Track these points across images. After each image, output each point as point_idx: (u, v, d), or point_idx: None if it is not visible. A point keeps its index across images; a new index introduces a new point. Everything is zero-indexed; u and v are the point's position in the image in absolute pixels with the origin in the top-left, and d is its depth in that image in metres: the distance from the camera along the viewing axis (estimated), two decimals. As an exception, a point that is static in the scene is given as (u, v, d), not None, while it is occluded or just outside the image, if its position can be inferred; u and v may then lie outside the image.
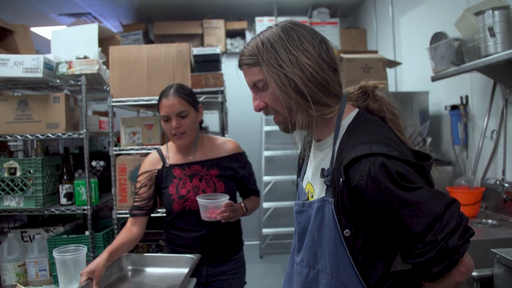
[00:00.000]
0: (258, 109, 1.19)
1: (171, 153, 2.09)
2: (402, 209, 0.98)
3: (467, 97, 2.99)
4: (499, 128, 2.66)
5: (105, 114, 3.28)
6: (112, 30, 3.14)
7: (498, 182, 2.56)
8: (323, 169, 1.12)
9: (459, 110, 3.01)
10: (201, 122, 2.17)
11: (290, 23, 1.14)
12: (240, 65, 1.19)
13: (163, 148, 2.13)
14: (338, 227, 1.06)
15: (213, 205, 1.87)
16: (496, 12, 2.18)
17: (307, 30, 1.13)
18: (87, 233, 2.48)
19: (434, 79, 2.90)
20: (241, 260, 2.15)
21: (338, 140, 1.12)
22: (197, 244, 1.99)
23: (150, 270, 1.88)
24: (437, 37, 2.83)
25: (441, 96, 3.33)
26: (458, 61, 2.59)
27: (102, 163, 3.13)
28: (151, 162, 2.09)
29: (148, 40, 5.65)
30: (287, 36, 1.10)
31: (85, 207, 2.46)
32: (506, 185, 2.49)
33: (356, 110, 1.18)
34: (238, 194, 2.21)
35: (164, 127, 1.98)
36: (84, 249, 1.72)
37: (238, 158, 2.15)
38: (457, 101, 3.05)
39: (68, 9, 5.37)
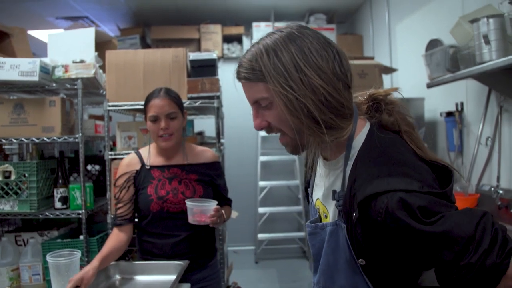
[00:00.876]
0: (259, 129, 1.06)
1: (152, 156, 2.07)
2: (428, 243, 0.90)
3: (462, 104, 3.01)
4: (493, 135, 2.67)
5: (101, 118, 3.28)
6: (109, 34, 3.14)
7: (492, 189, 2.57)
8: (334, 191, 1.03)
9: (455, 116, 3.02)
10: (184, 128, 2.18)
11: (296, 30, 0.99)
12: (239, 78, 1.05)
13: (143, 150, 2.11)
14: (352, 253, 1.00)
15: (203, 209, 1.87)
16: (491, 20, 2.20)
17: (319, 41, 0.98)
18: (81, 237, 2.47)
19: (429, 85, 2.91)
20: (216, 266, 2.15)
21: (350, 163, 1.03)
22: (175, 250, 1.96)
23: (138, 278, 1.85)
24: (433, 44, 2.85)
25: (437, 102, 3.35)
26: (453, 68, 2.61)
27: (97, 167, 3.12)
28: (129, 164, 2.05)
29: (145, 44, 5.65)
30: (297, 49, 0.96)
31: (80, 211, 2.45)
32: (501, 191, 2.50)
33: (368, 126, 1.07)
34: None
35: (151, 128, 1.96)
36: (78, 254, 1.71)
37: (216, 167, 2.16)
38: (452, 108, 3.06)
39: (65, 12, 5.37)
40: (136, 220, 2.06)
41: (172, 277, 1.75)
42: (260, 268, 5.13)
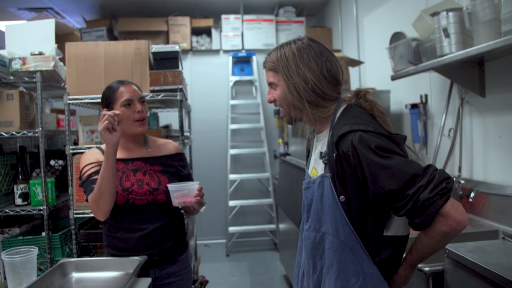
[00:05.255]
0: (269, 101, 1.52)
1: None
2: (379, 172, 1.24)
3: (426, 96, 3.05)
4: (455, 126, 2.72)
5: (63, 112, 3.20)
6: (70, 26, 3.06)
7: (454, 179, 2.62)
8: (321, 153, 1.41)
9: (419, 108, 3.07)
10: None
11: (305, 43, 1.44)
12: (264, 67, 1.52)
13: (104, 145, 2.05)
14: (335, 195, 1.33)
15: (187, 189, 1.85)
16: (450, 14, 2.23)
17: (316, 51, 1.43)
18: (43, 234, 2.42)
19: (393, 78, 2.94)
20: (187, 261, 2.13)
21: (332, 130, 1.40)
22: (142, 244, 1.93)
23: (94, 274, 1.79)
24: (396, 37, 2.87)
25: (402, 95, 3.39)
26: (416, 60, 2.64)
27: (61, 162, 3.06)
28: (93, 154, 2.00)
29: (112, 37, 5.54)
30: (299, 54, 1.42)
31: (41, 208, 2.40)
32: (462, 181, 2.55)
33: (346, 105, 1.46)
34: None
35: (124, 113, 1.90)
36: (34, 251, 1.66)
37: (180, 158, 2.14)
38: (417, 100, 3.11)
39: (28, 3, 5.20)
40: None
41: (130, 272, 1.72)
42: (231, 261, 5.13)
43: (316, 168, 1.48)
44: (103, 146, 2.05)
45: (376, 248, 1.34)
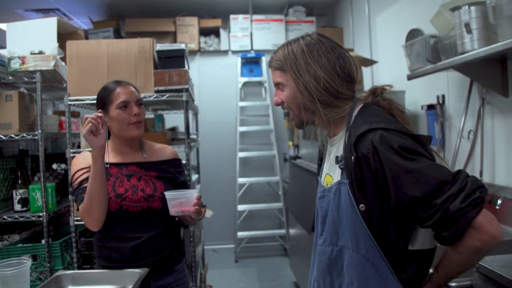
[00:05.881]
0: (276, 104, 1.39)
1: (109, 152, 1.90)
2: (403, 176, 1.11)
3: (443, 96, 2.92)
4: (475, 128, 2.59)
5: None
6: (73, 25, 2.97)
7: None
8: (337, 157, 1.28)
9: (436, 109, 2.94)
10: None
11: (315, 38, 1.32)
12: (270, 66, 1.40)
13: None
14: (354, 203, 1.19)
15: (186, 198, 1.74)
16: (473, 8, 2.10)
17: (327, 46, 1.31)
18: (43, 241, 2.32)
19: (410, 77, 2.81)
20: (183, 270, 2.00)
21: (348, 131, 1.27)
22: (136, 254, 1.80)
23: None
24: (413, 34, 2.75)
25: (418, 95, 3.26)
26: (434, 58, 2.51)
27: (63, 165, 2.96)
28: (85, 158, 1.88)
29: (119, 38, 5.46)
30: (308, 50, 1.29)
31: (41, 214, 2.29)
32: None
33: (363, 104, 1.33)
34: None
35: (120, 116, 1.81)
36: (27, 263, 1.55)
37: (177, 164, 2.02)
38: (433, 101, 2.98)
39: (35, 4, 5.15)
40: None
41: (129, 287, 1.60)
42: (239, 267, 5.01)
43: (331, 174, 1.35)
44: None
45: (401, 264, 1.19)
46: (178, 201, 1.73)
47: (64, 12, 5.51)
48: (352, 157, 1.19)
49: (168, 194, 1.75)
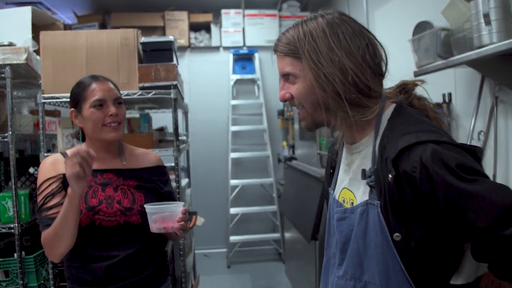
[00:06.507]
0: (282, 100, 1.15)
1: None
2: (463, 202, 0.90)
3: (450, 94, 2.74)
4: (487, 128, 2.41)
5: (48, 113, 2.87)
6: (50, 16, 2.74)
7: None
8: (364, 170, 1.05)
9: (442, 109, 2.76)
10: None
11: (337, 17, 1.07)
12: (275, 50, 1.14)
13: (71, 151, 1.73)
14: (386, 231, 0.98)
15: (168, 212, 1.53)
16: (492, -4, 1.91)
17: (354, 29, 1.06)
18: (15, 255, 2.08)
19: (417, 74, 2.61)
20: None
21: (379, 138, 1.05)
22: (111, 275, 1.56)
23: None
24: (421, 27, 2.55)
25: (422, 93, 3.07)
26: (446, 53, 2.31)
27: (41, 169, 2.71)
28: (54, 164, 1.64)
29: (105, 33, 5.24)
30: (331, 32, 1.04)
31: (12, 225, 2.05)
32: (498, 192, 2.22)
33: (394, 105, 1.10)
34: None
35: (93, 115, 1.59)
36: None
37: (160, 172, 1.80)
38: (439, 99, 2.79)
39: (16, -3, 4.91)
40: None
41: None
42: (232, 273, 4.81)
43: (353, 191, 1.11)
44: (69, 151, 1.71)
45: None
46: (161, 215, 1.52)
47: (48, 6, 5.28)
48: (390, 175, 0.96)
49: (148, 208, 1.53)
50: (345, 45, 1.03)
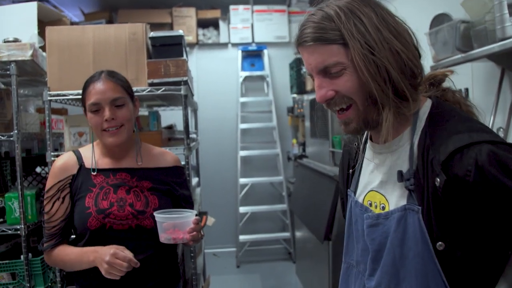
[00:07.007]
0: (324, 100, 0.96)
1: (95, 156, 1.62)
2: None
3: (467, 90, 2.65)
4: (507, 125, 2.32)
5: (55, 111, 2.81)
6: (57, 12, 2.68)
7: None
8: (400, 172, 0.94)
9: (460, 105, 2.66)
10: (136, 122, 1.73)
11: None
12: (305, 41, 0.93)
13: (85, 149, 1.67)
14: (427, 239, 0.89)
15: (179, 222, 1.46)
16: (517, -14, 1.82)
17: (392, 13, 0.94)
18: (22, 257, 2.03)
19: (434, 68, 2.53)
20: None
21: (417, 137, 0.95)
22: (121, 282, 1.48)
23: None
24: (439, 19, 2.46)
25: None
26: (465, 47, 2.22)
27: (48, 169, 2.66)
28: (63, 168, 1.58)
29: (112, 30, 5.19)
30: (372, 12, 0.90)
31: (18, 226, 2.00)
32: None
33: (429, 100, 0.99)
34: None
35: (92, 120, 1.54)
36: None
37: (177, 173, 1.72)
38: (456, 95, 2.71)
39: (22, -5, 4.87)
40: (72, 236, 1.62)
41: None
42: (242, 273, 4.74)
43: (385, 194, 1.01)
44: (82, 150, 1.65)
45: None
46: (171, 224, 1.45)
47: (54, 4, 5.25)
48: (438, 179, 0.86)
49: (158, 217, 1.46)
50: (392, 25, 0.91)
